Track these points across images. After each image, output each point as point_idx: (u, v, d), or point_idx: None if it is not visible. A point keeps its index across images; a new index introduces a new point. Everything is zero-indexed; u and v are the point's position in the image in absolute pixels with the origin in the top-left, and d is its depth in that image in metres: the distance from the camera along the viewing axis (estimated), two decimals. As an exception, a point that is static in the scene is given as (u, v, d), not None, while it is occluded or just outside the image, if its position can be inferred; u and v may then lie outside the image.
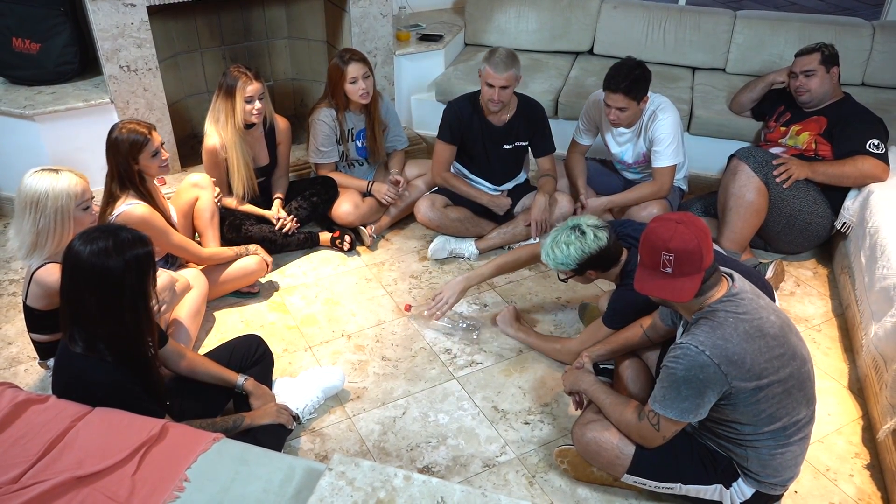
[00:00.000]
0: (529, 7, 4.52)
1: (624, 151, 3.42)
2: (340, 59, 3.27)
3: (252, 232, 3.23)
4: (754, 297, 1.90)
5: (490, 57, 3.10)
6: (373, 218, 3.54)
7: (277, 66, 4.34)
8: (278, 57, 4.31)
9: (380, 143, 3.55)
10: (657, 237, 1.83)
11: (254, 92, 3.07)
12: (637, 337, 2.36)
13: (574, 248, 2.34)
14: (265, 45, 4.25)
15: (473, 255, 3.40)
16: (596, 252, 2.35)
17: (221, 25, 4.03)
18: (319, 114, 3.40)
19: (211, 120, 3.14)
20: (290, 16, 4.19)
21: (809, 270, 3.35)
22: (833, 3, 8.12)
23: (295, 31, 4.24)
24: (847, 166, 3.12)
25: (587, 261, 2.36)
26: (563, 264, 2.38)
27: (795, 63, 3.36)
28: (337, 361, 2.77)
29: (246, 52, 4.20)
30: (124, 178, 2.60)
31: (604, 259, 2.38)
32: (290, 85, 4.43)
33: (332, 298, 3.13)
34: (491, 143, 3.35)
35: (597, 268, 2.41)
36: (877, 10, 5.15)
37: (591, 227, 2.35)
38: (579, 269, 2.39)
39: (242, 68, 3.07)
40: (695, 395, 1.84)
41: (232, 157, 3.14)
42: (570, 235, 2.35)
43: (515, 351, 2.84)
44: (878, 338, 2.54)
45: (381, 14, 3.83)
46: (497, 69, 3.07)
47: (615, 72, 3.12)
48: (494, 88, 3.11)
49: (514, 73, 3.10)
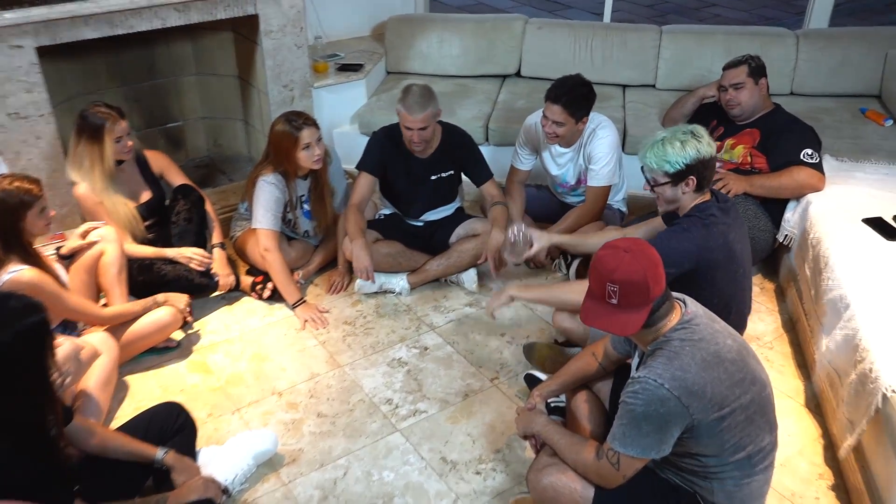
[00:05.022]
0: (452, 31, 4.56)
1: (565, 173, 3.45)
2: (290, 124, 3.12)
3: (166, 271, 3.10)
4: (709, 321, 1.91)
5: (404, 98, 3.09)
6: (300, 262, 3.46)
7: (186, 105, 4.24)
8: (186, 95, 4.22)
9: (329, 209, 3.44)
10: (603, 267, 1.83)
11: (123, 131, 3.02)
12: (590, 367, 2.34)
13: (690, 146, 2.34)
14: (172, 83, 4.15)
15: (405, 289, 3.35)
16: (707, 158, 2.36)
17: (122, 64, 3.92)
18: (268, 177, 3.21)
19: (73, 167, 3.04)
20: (198, 51, 4.11)
21: (756, 286, 3.42)
22: (756, 14, 8.52)
23: (203, 67, 4.16)
24: (784, 178, 3.22)
25: (697, 164, 2.35)
26: (670, 163, 2.36)
27: (723, 76, 3.47)
28: (268, 423, 2.67)
29: (151, 91, 4.09)
30: (10, 240, 2.47)
31: (709, 170, 2.39)
32: (201, 124, 4.33)
33: (260, 353, 3.02)
34: (416, 175, 3.33)
35: (700, 178, 2.39)
36: (800, 18, 5.40)
37: (706, 133, 2.38)
38: (685, 171, 2.36)
39: (104, 108, 2.99)
40: (656, 430, 1.82)
41: (108, 202, 3.03)
42: (686, 135, 2.36)
43: (461, 395, 2.79)
44: (830, 351, 2.60)
45: (295, 45, 3.79)
46: (412, 112, 3.06)
47: (560, 83, 3.18)
48: (413, 130, 3.11)
49: (431, 111, 3.09)
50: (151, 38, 3.86)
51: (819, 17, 4.67)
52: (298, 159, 3.17)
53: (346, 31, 4.91)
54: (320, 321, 3.19)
